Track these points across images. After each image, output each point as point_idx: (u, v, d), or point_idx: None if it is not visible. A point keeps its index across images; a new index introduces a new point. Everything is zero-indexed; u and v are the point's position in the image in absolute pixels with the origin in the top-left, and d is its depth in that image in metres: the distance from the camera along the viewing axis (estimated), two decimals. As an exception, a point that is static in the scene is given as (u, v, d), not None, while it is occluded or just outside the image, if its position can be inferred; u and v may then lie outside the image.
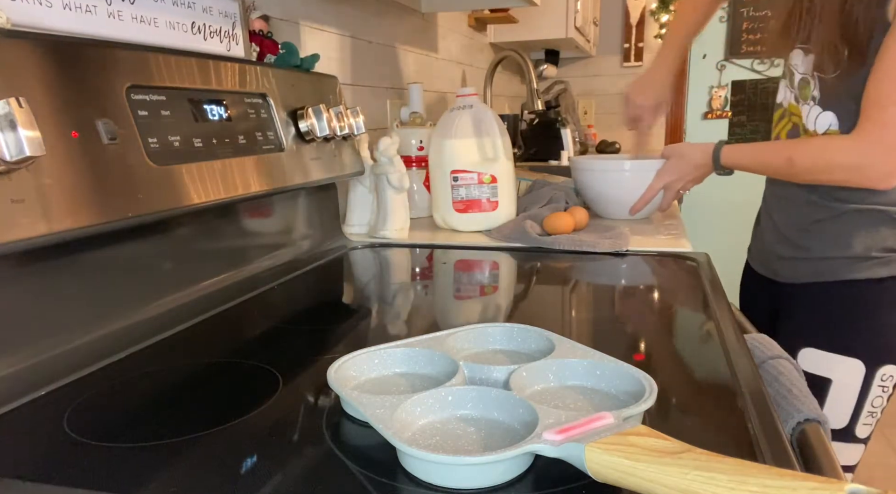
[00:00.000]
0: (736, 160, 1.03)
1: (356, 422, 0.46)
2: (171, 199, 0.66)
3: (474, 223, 1.19)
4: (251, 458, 0.42)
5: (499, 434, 0.43)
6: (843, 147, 0.88)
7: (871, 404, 0.94)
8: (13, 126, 0.48)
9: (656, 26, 3.18)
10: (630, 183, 1.22)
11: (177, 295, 0.74)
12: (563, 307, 0.76)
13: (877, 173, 0.86)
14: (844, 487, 0.30)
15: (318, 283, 0.90)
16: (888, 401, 0.95)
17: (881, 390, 0.94)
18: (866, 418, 0.96)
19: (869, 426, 0.97)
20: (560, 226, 1.10)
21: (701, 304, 0.74)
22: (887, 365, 0.92)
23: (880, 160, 0.84)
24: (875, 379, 0.93)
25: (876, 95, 0.84)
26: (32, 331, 0.57)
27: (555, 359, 0.51)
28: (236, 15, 0.91)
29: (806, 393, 0.62)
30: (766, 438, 0.43)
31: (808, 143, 0.93)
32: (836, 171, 0.89)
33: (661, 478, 0.33)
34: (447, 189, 1.18)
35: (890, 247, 0.91)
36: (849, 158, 0.87)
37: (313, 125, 0.92)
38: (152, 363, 0.60)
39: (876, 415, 0.96)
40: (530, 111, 2.29)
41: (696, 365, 0.58)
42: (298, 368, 0.57)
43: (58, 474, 0.41)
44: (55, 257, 0.59)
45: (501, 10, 2.21)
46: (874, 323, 0.93)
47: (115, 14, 0.72)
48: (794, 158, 0.92)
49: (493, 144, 1.16)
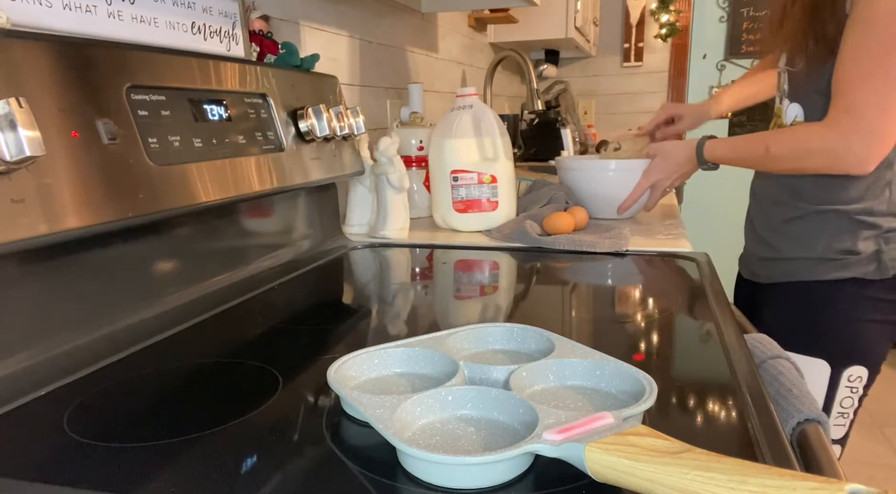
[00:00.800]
0: (718, 154, 1.04)
1: (356, 422, 0.46)
2: (171, 199, 0.66)
3: (474, 223, 1.19)
4: (251, 458, 0.42)
5: (499, 434, 0.43)
6: (818, 133, 0.89)
7: (840, 404, 0.95)
8: (13, 126, 0.48)
9: (656, 26, 3.18)
10: (615, 182, 1.23)
11: (177, 295, 0.74)
12: (563, 307, 0.76)
13: (854, 157, 0.86)
14: (844, 487, 0.30)
15: (318, 283, 0.90)
16: (859, 402, 0.96)
17: (849, 390, 0.95)
18: (837, 419, 0.97)
19: (842, 427, 0.98)
20: (560, 225, 1.10)
21: (701, 304, 0.74)
22: (853, 366, 0.93)
23: (856, 144, 0.85)
24: (842, 380, 0.94)
25: (840, 82, 0.85)
26: (32, 331, 0.57)
27: (555, 359, 0.51)
28: (236, 15, 0.91)
29: (806, 393, 0.62)
30: (766, 438, 0.43)
31: (784, 132, 0.95)
32: (813, 157, 0.90)
33: (661, 478, 0.33)
34: (447, 189, 1.18)
35: (847, 250, 0.92)
36: (824, 143, 0.88)
37: (313, 125, 0.92)
38: (152, 363, 0.60)
39: (848, 416, 0.97)
40: (530, 111, 2.29)
41: (696, 365, 0.58)
42: (298, 368, 0.57)
43: (58, 474, 0.41)
44: (55, 257, 0.59)
45: (501, 10, 2.21)
46: (834, 325, 0.94)
47: (115, 14, 0.72)
48: (771, 147, 0.94)
49: (493, 144, 1.16)
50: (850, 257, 0.92)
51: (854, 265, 0.92)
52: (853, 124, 0.84)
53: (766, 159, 0.95)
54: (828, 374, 0.94)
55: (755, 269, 1.06)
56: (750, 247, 1.09)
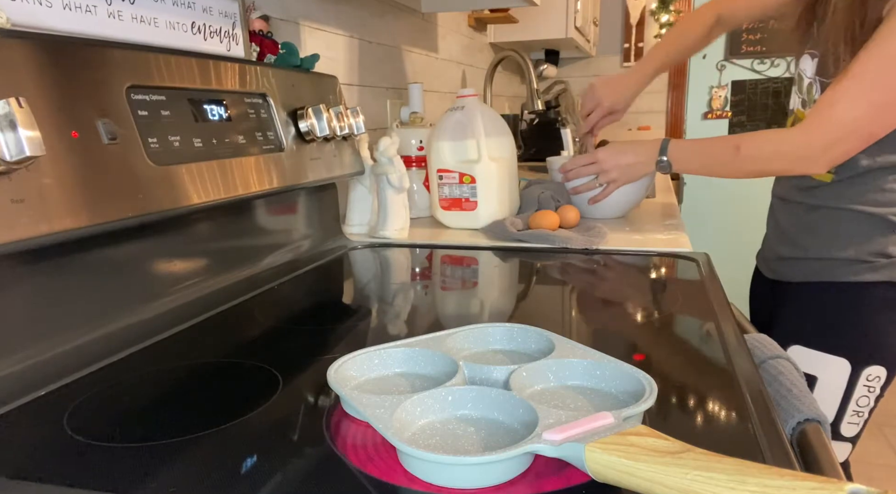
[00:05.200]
0: (681, 154, 1.04)
1: (356, 422, 0.46)
2: (170, 199, 0.66)
3: (458, 221, 1.22)
4: (251, 458, 0.42)
5: (499, 434, 0.43)
6: (788, 138, 0.91)
7: (856, 403, 0.95)
8: (13, 126, 0.48)
9: (656, 26, 3.18)
10: None
11: (177, 295, 0.74)
12: (563, 307, 0.76)
13: (814, 163, 0.89)
14: (844, 487, 0.30)
15: (318, 283, 0.90)
16: (875, 402, 0.97)
17: (866, 390, 0.95)
18: (852, 417, 0.97)
19: (855, 425, 0.98)
20: (544, 223, 1.10)
21: (701, 304, 0.74)
22: (873, 366, 0.93)
23: (818, 153, 0.88)
24: (860, 379, 0.94)
25: (833, 94, 0.86)
26: (32, 331, 0.57)
27: (555, 359, 0.51)
28: (236, 15, 0.91)
29: (806, 393, 0.62)
30: (766, 438, 0.43)
31: (757, 134, 0.96)
32: (778, 160, 0.93)
33: (661, 478, 0.33)
34: (436, 187, 1.23)
35: (879, 252, 0.92)
36: (792, 149, 0.91)
37: (313, 125, 0.92)
38: (152, 363, 0.60)
39: (862, 415, 0.97)
40: (530, 111, 2.29)
41: (696, 365, 0.58)
42: (298, 368, 0.57)
43: (58, 474, 0.41)
44: (55, 257, 0.59)
45: (501, 10, 2.21)
46: (860, 325, 0.94)
47: (115, 14, 0.72)
48: (742, 147, 0.94)
49: (477, 146, 1.17)
50: (882, 260, 0.91)
51: (885, 268, 0.91)
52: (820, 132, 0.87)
53: (734, 160, 0.95)
54: (847, 373, 0.94)
55: (777, 268, 1.05)
56: (773, 246, 1.07)
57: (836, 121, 0.86)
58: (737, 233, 1.33)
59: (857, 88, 0.84)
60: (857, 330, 0.94)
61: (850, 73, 0.84)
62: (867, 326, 0.94)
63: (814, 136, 0.88)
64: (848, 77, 0.84)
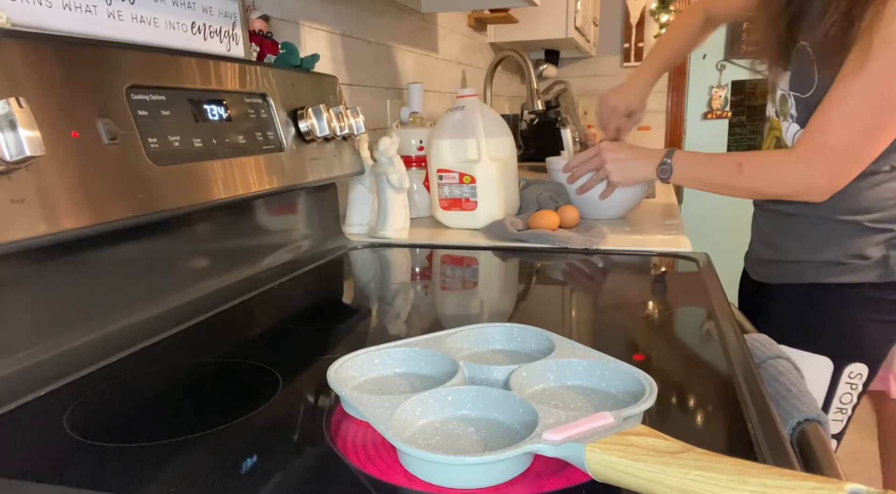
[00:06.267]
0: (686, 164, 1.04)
1: (356, 422, 0.46)
2: (170, 199, 0.66)
3: (458, 221, 1.22)
4: (251, 458, 0.42)
5: (499, 434, 0.43)
6: (789, 167, 0.92)
7: (839, 400, 0.98)
8: (13, 126, 0.48)
9: (656, 26, 3.18)
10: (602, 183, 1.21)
11: (177, 295, 0.74)
12: (563, 307, 0.76)
13: (819, 193, 0.91)
14: (844, 487, 0.30)
15: (318, 283, 0.90)
16: (858, 399, 0.99)
17: (849, 387, 0.97)
18: (836, 414, 0.99)
19: (839, 422, 1.00)
20: (543, 223, 1.10)
21: (701, 304, 0.74)
22: (854, 363, 0.96)
23: (822, 184, 0.90)
24: (843, 376, 0.96)
25: (823, 120, 0.87)
26: (32, 331, 0.57)
27: (555, 359, 0.51)
28: (236, 15, 0.91)
29: (806, 393, 0.62)
30: (766, 438, 0.43)
31: (759, 154, 0.98)
32: (779, 187, 0.94)
33: (661, 478, 0.33)
34: (436, 187, 1.22)
35: (856, 254, 0.94)
36: (795, 180, 0.92)
37: (313, 125, 0.92)
38: (152, 363, 0.60)
39: (846, 412, 0.99)
40: (530, 111, 2.29)
41: (696, 365, 0.58)
42: (298, 368, 0.57)
43: (58, 474, 0.41)
44: (55, 257, 0.59)
45: (501, 10, 2.21)
46: (840, 324, 0.96)
47: (115, 14, 0.72)
48: (745, 164, 0.95)
49: (477, 146, 1.17)
50: (858, 262, 0.93)
51: (861, 270, 0.93)
52: (822, 163, 0.88)
53: (736, 176, 0.96)
54: (830, 371, 0.96)
55: (760, 270, 1.08)
56: (757, 249, 1.09)
57: (832, 150, 0.87)
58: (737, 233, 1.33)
59: (846, 114, 0.85)
60: (836, 330, 0.96)
61: (837, 98, 0.85)
62: (845, 325, 0.96)
63: (817, 169, 0.89)
64: (836, 104, 0.85)
